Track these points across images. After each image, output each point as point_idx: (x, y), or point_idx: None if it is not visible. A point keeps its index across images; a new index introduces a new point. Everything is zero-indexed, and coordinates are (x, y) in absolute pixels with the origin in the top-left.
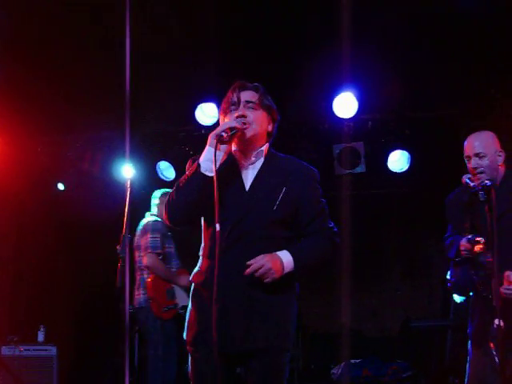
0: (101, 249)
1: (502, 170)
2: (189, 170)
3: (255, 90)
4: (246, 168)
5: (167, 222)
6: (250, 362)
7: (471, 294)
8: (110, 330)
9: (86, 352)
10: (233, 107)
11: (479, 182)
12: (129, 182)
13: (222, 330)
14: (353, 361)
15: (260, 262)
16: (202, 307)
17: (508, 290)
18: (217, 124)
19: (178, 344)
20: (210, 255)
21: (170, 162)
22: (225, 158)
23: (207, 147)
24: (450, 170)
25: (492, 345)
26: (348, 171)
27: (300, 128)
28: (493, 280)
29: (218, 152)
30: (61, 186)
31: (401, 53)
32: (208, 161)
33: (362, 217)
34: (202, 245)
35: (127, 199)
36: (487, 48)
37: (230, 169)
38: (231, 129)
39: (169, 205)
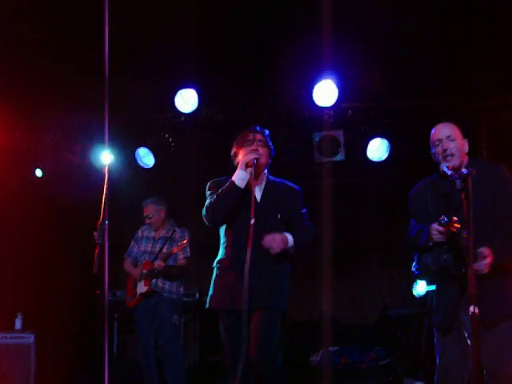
0: (79, 235)
1: (466, 159)
2: (213, 188)
3: (263, 133)
4: (255, 186)
5: (209, 223)
6: (255, 316)
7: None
8: (88, 317)
9: (64, 339)
10: (247, 143)
11: (451, 165)
12: (107, 168)
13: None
14: (331, 348)
15: (273, 235)
16: (227, 281)
17: (480, 266)
18: (196, 112)
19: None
20: (234, 245)
21: (149, 149)
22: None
23: (239, 170)
24: (429, 158)
25: (464, 331)
26: (328, 159)
27: (280, 116)
28: (469, 268)
29: (246, 173)
30: (39, 172)
31: (381, 42)
32: (240, 179)
33: (341, 205)
34: (224, 239)
35: (105, 186)
36: (467, 39)
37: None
38: (255, 158)
39: (212, 210)
